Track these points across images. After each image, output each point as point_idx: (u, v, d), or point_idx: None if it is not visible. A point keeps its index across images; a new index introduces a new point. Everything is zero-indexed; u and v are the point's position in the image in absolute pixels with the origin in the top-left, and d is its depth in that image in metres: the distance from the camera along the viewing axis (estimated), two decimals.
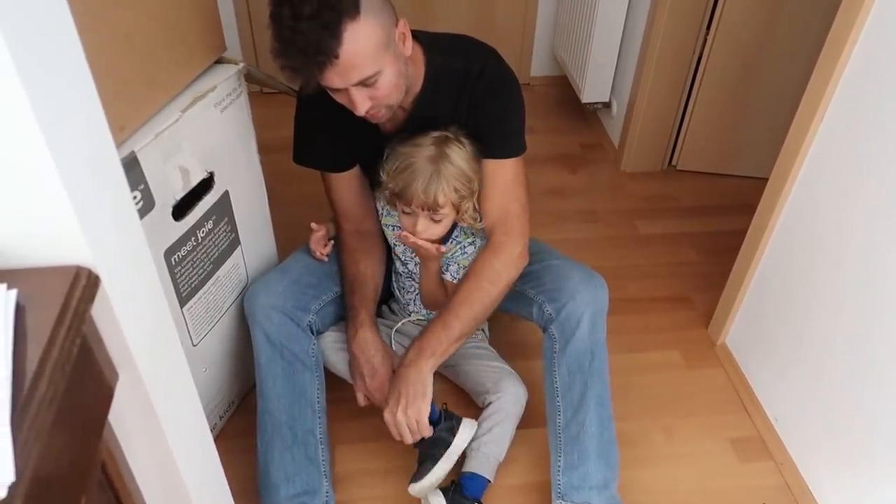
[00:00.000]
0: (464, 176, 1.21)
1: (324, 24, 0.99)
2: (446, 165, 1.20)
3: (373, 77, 1.06)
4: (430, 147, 1.21)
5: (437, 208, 1.21)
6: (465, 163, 1.22)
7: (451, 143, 1.22)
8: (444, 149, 1.21)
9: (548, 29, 2.65)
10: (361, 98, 1.09)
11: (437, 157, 1.20)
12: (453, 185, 1.20)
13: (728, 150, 2.23)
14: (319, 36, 0.99)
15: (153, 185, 1.02)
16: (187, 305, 1.20)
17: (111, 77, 0.90)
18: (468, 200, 1.24)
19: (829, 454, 1.32)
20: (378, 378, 1.30)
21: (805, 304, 1.37)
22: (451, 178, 1.20)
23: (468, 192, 1.23)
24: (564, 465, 1.27)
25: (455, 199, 1.22)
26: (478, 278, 1.25)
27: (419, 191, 1.19)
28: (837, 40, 1.23)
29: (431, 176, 1.19)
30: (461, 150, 1.22)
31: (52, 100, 0.53)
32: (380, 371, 1.31)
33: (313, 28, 0.98)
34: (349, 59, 1.02)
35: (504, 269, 1.26)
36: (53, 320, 0.55)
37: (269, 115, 1.59)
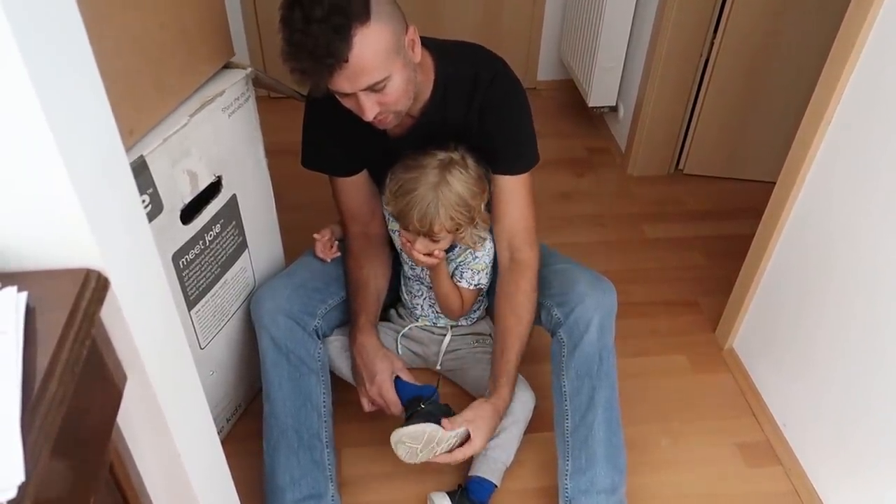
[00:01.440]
0: (464, 205, 1.20)
1: (334, 27, 0.99)
2: (445, 194, 1.18)
3: (382, 82, 1.07)
4: (434, 171, 1.19)
5: (433, 235, 1.21)
6: (466, 189, 1.20)
7: (454, 169, 1.20)
8: (447, 175, 1.19)
9: (554, 33, 2.65)
10: (370, 103, 1.09)
11: (437, 184, 1.19)
12: (450, 214, 1.19)
13: (735, 154, 2.22)
14: (329, 39, 0.99)
15: (162, 189, 1.02)
16: (195, 309, 1.20)
17: (120, 82, 0.90)
18: (465, 229, 1.25)
19: (838, 460, 1.31)
20: (377, 384, 1.30)
21: (814, 308, 1.37)
22: (449, 207, 1.19)
23: (466, 220, 1.22)
24: (572, 470, 1.27)
25: (450, 228, 1.21)
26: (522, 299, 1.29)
27: (415, 220, 1.19)
28: (845, 44, 1.23)
29: (429, 206, 1.18)
30: (463, 174, 1.21)
31: (63, 104, 0.54)
32: (379, 376, 1.30)
33: (323, 31, 0.99)
34: (358, 64, 1.03)
35: (535, 281, 1.31)
36: (63, 322, 0.55)
37: (277, 119, 1.60)
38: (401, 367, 1.34)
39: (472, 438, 1.22)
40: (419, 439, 1.21)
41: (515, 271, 1.30)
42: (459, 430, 1.21)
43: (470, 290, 1.39)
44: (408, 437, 1.21)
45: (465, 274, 1.38)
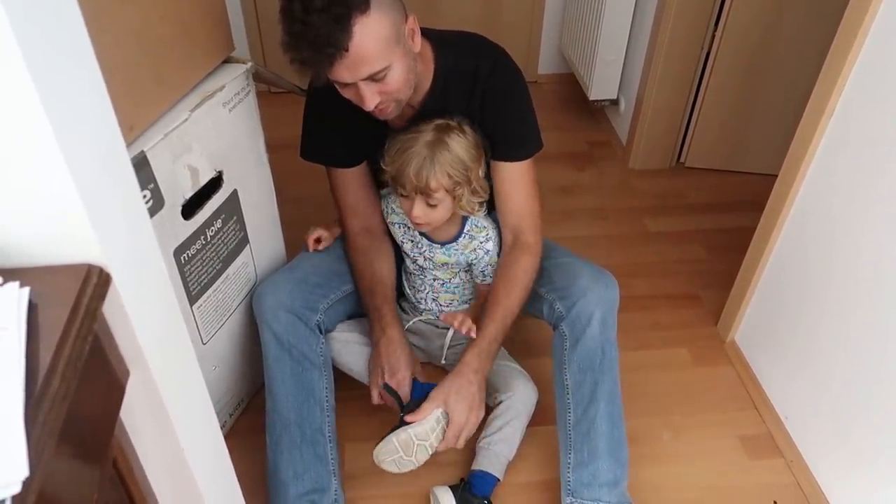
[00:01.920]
0: (459, 163, 1.20)
1: (334, 17, 0.99)
2: (442, 151, 1.19)
3: (382, 72, 1.07)
4: (430, 133, 1.21)
5: (430, 192, 1.20)
6: (463, 150, 1.21)
7: (451, 131, 1.22)
8: (443, 136, 1.21)
9: (555, 26, 2.64)
10: (370, 93, 1.09)
11: (434, 142, 1.19)
12: (446, 170, 1.19)
13: (736, 147, 2.22)
14: (329, 29, 0.99)
15: (163, 185, 1.02)
16: (197, 304, 1.20)
17: (121, 77, 0.90)
18: (463, 187, 1.23)
19: (840, 452, 1.31)
20: (398, 379, 1.29)
21: (816, 301, 1.37)
22: (444, 163, 1.19)
23: (463, 178, 1.22)
24: (574, 463, 1.27)
25: (447, 185, 1.20)
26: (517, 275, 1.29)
27: (411, 174, 1.19)
28: (846, 38, 1.22)
29: (425, 160, 1.18)
30: (461, 137, 1.22)
31: (63, 100, 0.54)
32: (401, 373, 1.29)
33: (323, 21, 0.99)
34: (358, 53, 1.03)
35: (537, 264, 1.32)
36: (65, 318, 0.55)
37: (277, 114, 1.59)
38: (419, 371, 1.34)
39: (450, 415, 1.21)
40: (394, 450, 1.20)
41: (516, 251, 1.31)
42: (431, 416, 1.19)
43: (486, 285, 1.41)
44: (384, 454, 1.21)
45: (487, 270, 1.39)
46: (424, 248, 1.39)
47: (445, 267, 1.41)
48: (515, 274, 1.30)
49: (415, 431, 1.19)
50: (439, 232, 1.37)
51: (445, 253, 1.38)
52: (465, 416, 1.22)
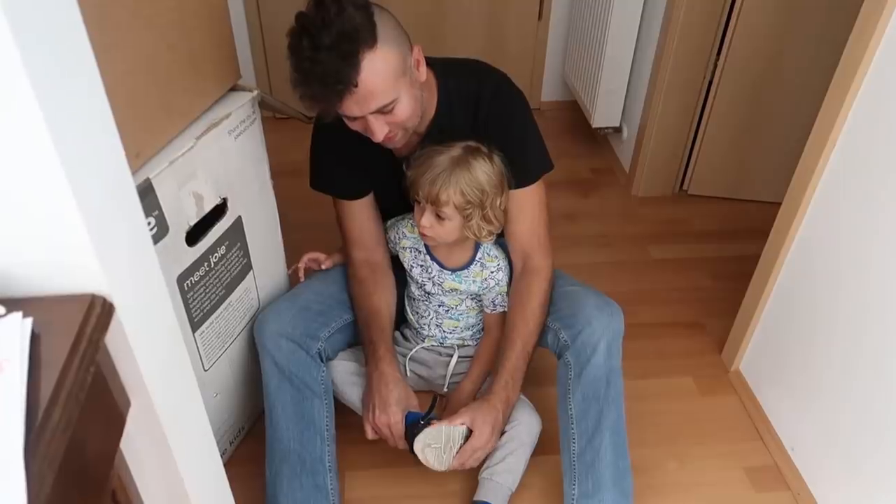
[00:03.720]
0: (477, 185, 1.20)
1: (342, 54, 1.00)
2: (463, 170, 1.19)
3: (390, 104, 1.08)
4: (459, 149, 1.21)
5: (439, 204, 1.20)
6: (484, 175, 1.21)
7: (479, 155, 1.22)
8: (469, 156, 1.21)
9: (558, 55, 2.67)
10: (379, 125, 1.10)
11: (458, 159, 1.20)
12: (461, 188, 1.19)
13: (739, 175, 2.22)
14: (338, 66, 1.01)
15: (167, 212, 1.02)
16: (199, 330, 1.20)
17: (128, 104, 0.91)
18: (476, 212, 1.23)
19: (847, 486, 1.29)
20: (389, 415, 1.27)
21: (822, 330, 1.36)
22: (461, 181, 1.19)
23: (477, 202, 1.21)
24: (579, 494, 1.25)
25: (459, 202, 1.20)
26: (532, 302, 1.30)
27: (426, 182, 1.20)
28: (848, 68, 1.23)
29: (443, 172, 1.19)
30: (486, 163, 1.22)
31: (71, 130, 0.54)
32: (391, 408, 1.27)
33: (332, 58, 1.00)
34: (367, 88, 1.04)
35: (549, 289, 1.33)
36: (68, 348, 0.55)
37: (281, 140, 1.60)
38: (415, 405, 1.31)
39: (475, 434, 1.24)
40: (439, 438, 1.23)
41: (527, 276, 1.31)
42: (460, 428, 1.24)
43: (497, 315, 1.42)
44: (431, 439, 1.23)
45: (497, 300, 1.39)
46: (434, 273, 1.38)
47: (453, 293, 1.40)
48: (529, 300, 1.30)
49: (449, 432, 1.23)
50: (451, 258, 1.37)
51: (456, 279, 1.38)
52: (488, 439, 1.25)
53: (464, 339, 1.47)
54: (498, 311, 1.41)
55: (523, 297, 1.31)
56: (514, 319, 1.32)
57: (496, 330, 1.41)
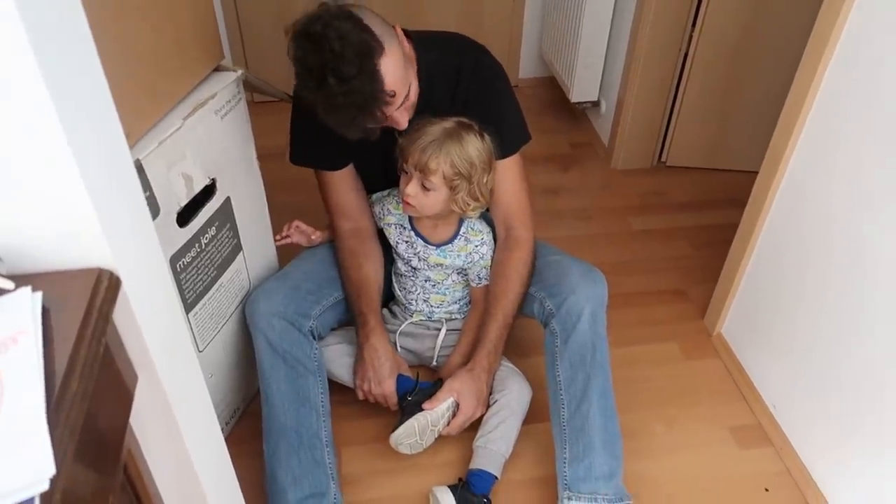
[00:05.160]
0: (466, 158, 1.23)
1: (368, 75, 1.04)
2: (454, 142, 1.22)
3: (408, 94, 1.13)
4: (452, 123, 1.24)
5: (428, 173, 1.23)
6: (474, 150, 1.24)
7: (471, 130, 1.24)
8: (462, 130, 1.24)
9: (535, 31, 2.68)
10: (402, 115, 1.16)
11: (451, 131, 1.22)
12: (451, 158, 1.22)
13: (716, 145, 2.26)
14: (369, 87, 1.05)
15: (158, 192, 1.03)
16: (193, 311, 1.20)
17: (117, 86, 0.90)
18: (463, 185, 1.25)
19: (824, 436, 1.34)
20: (381, 388, 1.34)
21: (796, 291, 1.40)
22: (452, 152, 1.21)
23: (465, 174, 1.24)
24: (570, 458, 1.29)
25: (447, 173, 1.22)
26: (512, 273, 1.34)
27: (417, 149, 1.22)
28: (821, 35, 1.26)
29: (433, 142, 1.21)
30: (477, 140, 1.24)
31: (75, 109, 0.54)
32: (385, 382, 1.34)
33: (362, 83, 1.04)
34: (394, 90, 1.09)
35: (531, 259, 1.36)
36: (79, 321, 0.56)
37: (263, 123, 1.60)
38: (405, 370, 1.39)
39: (461, 406, 1.31)
40: (413, 433, 1.30)
41: (509, 247, 1.35)
42: (443, 404, 1.30)
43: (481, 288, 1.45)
44: (403, 437, 1.30)
45: (482, 273, 1.42)
46: (419, 248, 1.40)
47: (439, 268, 1.42)
48: (510, 270, 1.34)
49: (430, 418, 1.30)
50: (435, 233, 1.39)
51: (440, 254, 1.40)
52: (473, 409, 1.32)
53: (451, 313, 1.50)
54: (483, 284, 1.43)
55: (505, 268, 1.34)
56: (496, 290, 1.35)
57: (483, 303, 1.44)
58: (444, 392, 1.31)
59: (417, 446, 1.34)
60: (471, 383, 1.33)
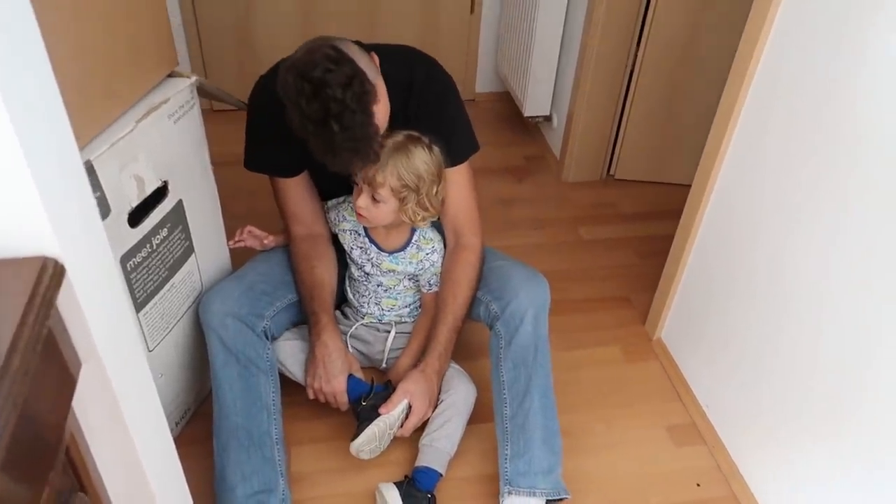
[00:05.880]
0: (414, 171, 1.28)
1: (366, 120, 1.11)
2: (401, 155, 1.27)
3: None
4: (401, 136, 1.29)
5: (376, 186, 1.28)
6: (422, 163, 1.29)
7: (418, 143, 1.29)
8: (410, 144, 1.29)
9: (490, 47, 2.76)
10: None
11: (398, 145, 1.28)
12: (398, 172, 1.27)
13: (661, 160, 2.36)
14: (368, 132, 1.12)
15: (109, 193, 1.06)
16: (143, 311, 1.23)
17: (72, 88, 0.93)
18: (411, 196, 1.30)
19: (751, 434, 1.43)
20: (334, 386, 1.36)
21: (724, 299, 1.49)
22: (399, 165, 1.27)
23: (413, 186, 1.29)
24: (511, 454, 1.34)
25: (395, 185, 1.28)
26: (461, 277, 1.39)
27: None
28: (744, 54, 1.36)
29: (381, 156, 1.26)
30: (425, 153, 1.29)
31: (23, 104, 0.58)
32: (336, 379, 1.37)
33: (364, 129, 1.11)
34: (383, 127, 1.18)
35: (479, 263, 1.41)
36: (23, 305, 0.59)
37: (219, 131, 1.63)
38: (357, 369, 1.41)
39: (414, 407, 1.35)
40: (373, 440, 1.33)
41: (458, 253, 1.41)
42: (399, 407, 1.33)
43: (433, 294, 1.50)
44: (364, 444, 1.33)
45: (433, 280, 1.48)
46: (373, 255, 1.45)
47: (391, 274, 1.47)
48: (459, 275, 1.39)
49: (388, 422, 1.34)
50: (388, 240, 1.44)
51: (393, 261, 1.45)
52: (425, 409, 1.37)
53: (401, 317, 1.54)
54: (434, 290, 1.48)
55: (454, 273, 1.40)
56: (445, 295, 1.40)
57: (433, 308, 1.49)
58: (399, 395, 1.35)
59: (376, 451, 1.37)
60: (423, 384, 1.37)
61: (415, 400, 1.36)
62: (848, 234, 1.12)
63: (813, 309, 1.22)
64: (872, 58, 1.05)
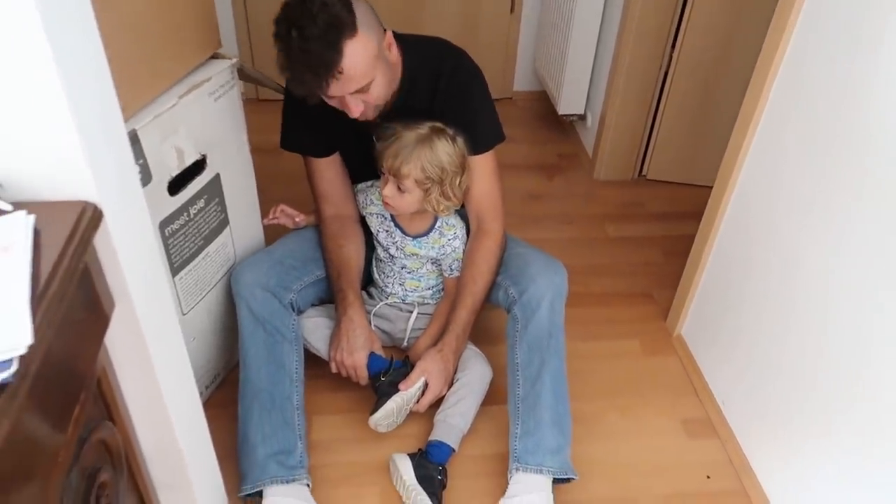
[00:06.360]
0: (437, 163, 1.33)
1: (328, 43, 1.14)
2: (425, 147, 1.32)
3: (367, 85, 1.22)
4: (425, 129, 1.34)
5: (400, 178, 1.34)
6: (445, 155, 1.34)
7: (443, 136, 1.35)
8: (434, 136, 1.34)
9: (529, 46, 2.80)
10: (355, 103, 1.24)
11: (423, 137, 1.33)
12: (422, 164, 1.32)
13: (694, 161, 2.36)
14: (326, 55, 1.14)
15: (151, 161, 1.14)
16: (179, 276, 1.31)
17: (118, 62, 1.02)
18: (435, 188, 1.36)
19: (763, 429, 1.43)
20: (355, 359, 1.43)
21: (741, 297, 1.50)
22: (423, 157, 1.32)
23: (436, 177, 1.34)
24: (521, 433, 1.38)
25: (419, 177, 1.33)
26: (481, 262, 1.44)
27: (390, 155, 1.33)
28: (768, 55, 1.37)
29: (405, 148, 1.32)
30: (448, 144, 1.35)
31: (73, 68, 0.66)
32: (358, 353, 1.43)
33: (320, 47, 1.13)
34: (349, 73, 1.18)
35: (499, 249, 1.46)
36: (64, 239, 0.67)
37: (264, 119, 1.71)
38: (378, 347, 1.48)
39: (430, 385, 1.41)
40: (391, 415, 1.40)
41: (479, 236, 1.45)
42: (416, 384, 1.38)
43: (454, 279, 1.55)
44: (382, 419, 1.40)
45: (454, 265, 1.53)
46: (398, 238, 1.51)
47: (414, 257, 1.53)
48: (479, 260, 1.44)
49: (405, 398, 1.40)
50: (412, 225, 1.50)
51: (416, 245, 1.51)
52: (441, 387, 1.42)
53: (424, 298, 1.60)
54: (455, 275, 1.54)
55: (474, 258, 1.45)
56: (465, 278, 1.45)
57: (454, 293, 1.53)
58: (417, 372, 1.41)
59: (393, 425, 1.44)
60: (440, 363, 1.42)
61: (431, 378, 1.41)
62: (862, 235, 1.13)
63: (823, 309, 1.23)
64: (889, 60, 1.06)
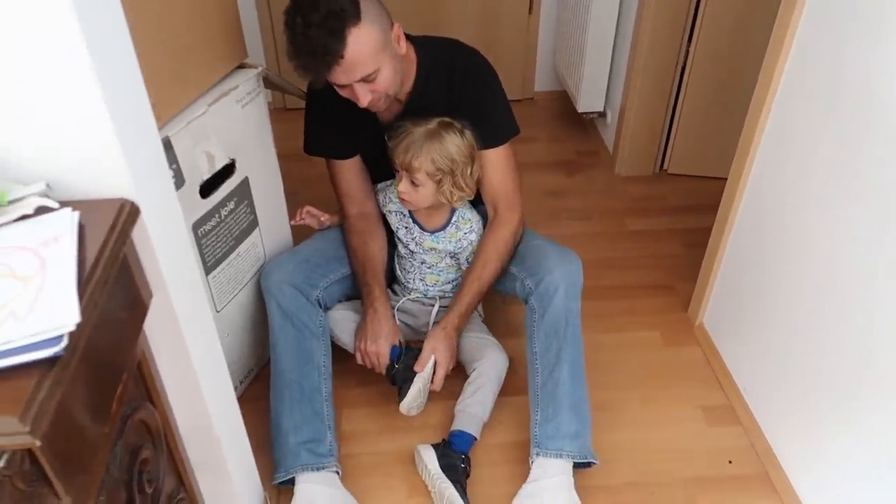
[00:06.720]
0: (447, 155, 1.39)
1: (330, 30, 1.20)
2: (434, 141, 1.38)
3: (373, 74, 1.28)
4: (433, 124, 1.40)
5: (413, 171, 1.40)
6: (454, 147, 1.40)
7: (451, 129, 1.41)
8: (442, 130, 1.40)
9: (549, 46, 2.84)
10: (363, 92, 1.30)
11: (432, 132, 1.39)
12: (432, 156, 1.38)
13: (713, 155, 2.37)
14: (327, 40, 1.20)
15: (184, 166, 1.22)
16: (212, 274, 1.39)
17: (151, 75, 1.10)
18: (447, 179, 1.41)
19: (788, 416, 1.44)
20: (375, 346, 1.48)
21: (767, 285, 1.51)
22: (433, 151, 1.38)
23: (447, 169, 1.40)
24: (541, 419, 1.42)
25: (430, 170, 1.39)
26: (491, 250, 1.49)
27: (401, 150, 1.39)
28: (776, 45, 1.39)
29: (415, 143, 1.38)
30: (457, 137, 1.40)
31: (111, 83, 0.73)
32: (381, 340, 1.49)
33: (322, 33, 1.20)
34: (352, 59, 1.23)
35: (511, 238, 1.50)
36: (105, 232, 0.74)
37: (291, 128, 1.79)
38: (400, 342, 1.52)
39: (438, 361, 1.46)
40: (418, 396, 1.45)
41: (493, 225, 1.51)
42: (428, 364, 1.45)
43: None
44: (412, 401, 1.45)
45: (472, 258, 1.56)
46: (416, 234, 1.57)
47: (433, 252, 1.59)
48: (490, 246, 1.49)
49: (423, 378, 1.45)
50: (430, 220, 1.56)
51: (434, 240, 1.56)
52: (448, 361, 1.47)
53: (444, 292, 1.65)
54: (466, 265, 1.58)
55: (486, 244, 1.50)
56: (475, 263, 1.51)
57: None
58: (426, 352, 1.47)
59: (421, 406, 1.49)
60: (444, 340, 1.48)
61: (438, 354, 1.47)
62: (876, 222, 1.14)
63: (838, 297, 1.24)
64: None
